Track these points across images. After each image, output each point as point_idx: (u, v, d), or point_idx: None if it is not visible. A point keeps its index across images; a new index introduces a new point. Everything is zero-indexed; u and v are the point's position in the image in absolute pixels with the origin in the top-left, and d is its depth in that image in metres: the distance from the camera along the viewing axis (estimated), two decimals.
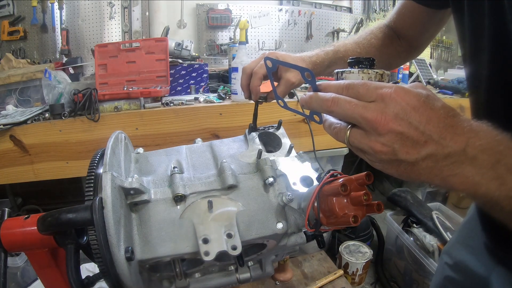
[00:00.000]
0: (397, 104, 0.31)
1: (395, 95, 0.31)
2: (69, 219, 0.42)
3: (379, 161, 0.34)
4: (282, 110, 0.57)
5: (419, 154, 0.31)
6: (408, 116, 0.31)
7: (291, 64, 0.47)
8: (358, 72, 0.40)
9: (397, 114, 0.31)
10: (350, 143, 0.35)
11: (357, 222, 0.37)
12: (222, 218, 0.47)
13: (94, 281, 0.48)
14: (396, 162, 0.33)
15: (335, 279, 1.35)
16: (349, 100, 0.34)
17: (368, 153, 0.34)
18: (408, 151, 0.31)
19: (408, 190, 1.72)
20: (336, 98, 0.35)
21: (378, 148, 0.32)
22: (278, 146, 0.62)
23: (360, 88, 0.34)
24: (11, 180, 1.19)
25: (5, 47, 1.75)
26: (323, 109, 0.36)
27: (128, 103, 1.24)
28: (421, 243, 1.43)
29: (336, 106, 0.34)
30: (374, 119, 0.31)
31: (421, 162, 0.32)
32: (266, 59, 0.51)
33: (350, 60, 0.42)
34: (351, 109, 0.33)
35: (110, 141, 0.50)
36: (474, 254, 0.59)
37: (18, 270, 1.23)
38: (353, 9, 2.40)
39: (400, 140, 0.31)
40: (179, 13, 1.95)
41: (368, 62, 0.41)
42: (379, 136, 0.32)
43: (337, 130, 0.36)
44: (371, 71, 0.40)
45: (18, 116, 1.15)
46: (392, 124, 0.31)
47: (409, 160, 0.32)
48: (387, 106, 0.31)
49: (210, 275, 0.58)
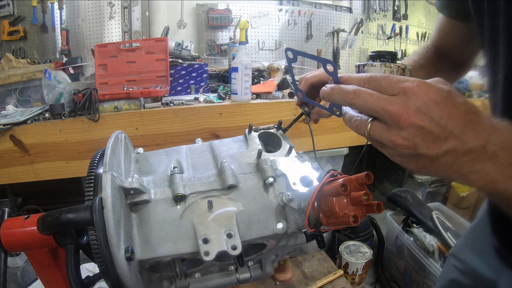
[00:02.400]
0: (419, 98, 0.31)
1: (417, 89, 0.31)
2: (69, 219, 0.42)
3: (399, 155, 0.34)
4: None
5: (440, 149, 0.31)
6: (430, 110, 0.31)
7: (312, 55, 0.47)
8: (380, 66, 0.40)
9: (419, 108, 0.31)
10: (371, 137, 0.35)
11: (357, 222, 0.37)
12: (222, 218, 0.47)
13: (94, 281, 0.48)
14: (416, 157, 0.32)
15: (335, 279, 1.35)
16: (371, 92, 0.34)
17: (389, 146, 0.34)
18: (429, 145, 0.31)
19: (408, 190, 1.72)
20: (358, 90, 0.34)
21: (399, 142, 0.32)
22: (278, 146, 0.62)
23: (382, 81, 0.33)
24: (11, 180, 1.18)
25: (5, 47, 1.75)
26: (344, 101, 0.36)
27: (128, 103, 1.24)
28: (421, 243, 1.43)
29: (358, 99, 0.34)
30: (396, 112, 0.31)
31: (442, 158, 0.31)
32: (287, 50, 0.49)
33: (371, 53, 0.42)
34: (373, 101, 0.33)
35: (110, 141, 0.50)
36: (483, 258, 0.58)
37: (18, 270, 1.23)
38: (353, 9, 2.40)
39: (422, 135, 0.31)
40: (179, 13, 1.95)
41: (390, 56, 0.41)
42: (401, 129, 0.32)
43: (357, 123, 0.36)
44: (393, 65, 0.40)
45: (18, 116, 1.15)
46: (414, 118, 0.31)
47: (430, 155, 0.31)
48: (409, 99, 0.31)
49: (210, 275, 0.58)
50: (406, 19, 2.57)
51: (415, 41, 2.68)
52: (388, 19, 2.53)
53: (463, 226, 1.53)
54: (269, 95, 1.41)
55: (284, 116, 1.32)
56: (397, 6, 2.51)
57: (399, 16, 2.54)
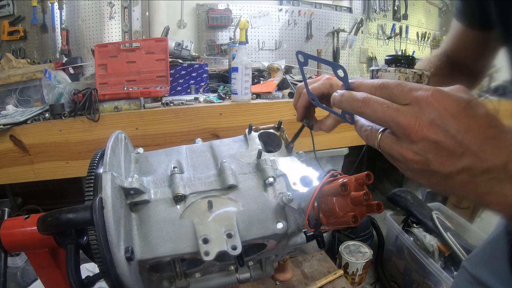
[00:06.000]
0: (433, 109, 0.28)
1: (432, 98, 0.28)
2: (69, 219, 0.42)
3: (411, 171, 0.32)
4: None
5: (455, 167, 0.28)
6: (445, 123, 0.28)
7: (323, 59, 0.44)
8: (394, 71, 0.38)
9: (433, 120, 0.28)
10: (381, 149, 0.33)
11: (357, 222, 0.37)
12: (222, 218, 0.47)
13: (94, 281, 0.48)
14: (428, 173, 0.30)
15: (335, 279, 1.35)
16: (382, 101, 0.31)
17: (400, 160, 0.31)
18: (443, 162, 0.28)
19: (408, 190, 1.72)
20: (368, 98, 0.32)
21: (410, 156, 0.30)
22: (278, 146, 0.62)
23: (395, 89, 0.31)
24: (11, 180, 1.18)
25: (5, 47, 1.75)
26: (353, 110, 0.34)
27: (128, 103, 1.24)
28: (421, 243, 1.43)
29: (366, 107, 0.32)
30: (407, 124, 0.29)
31: (456, 176, 0.29)
32: (297, 53, 0.47)
33: (387, 57, 0.39)
34: (382, 111, 0.31)
35: (110, 141, 0.50)
36: (497, 276, 0.55)
37: (18, 270, 1.23)
38: (353, 9, 2.40)
39: (435, 150, 0.28)
40: (179, 13, 1.95)
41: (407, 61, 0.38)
42: (412, 143, 0.29)
43: (367, 133, 0.34)
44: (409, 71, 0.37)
45: (18, 116, 1.15)
46: (426, 131, 0.28)
47: (443, 172, 0.29)
48: (423, 110, 0.29)
49: (210, 275, 0.58)
50: (406, 19, 2.58)
51: (415, 41, 2.69)
52: (388, 19, 2.53)
53: (463, 226, 1.53)
54: (269, 95, 1.41)
55: (284, 116, 1.32)
56: (397, 6, 2.51)
57: (399, 16, 2.55)
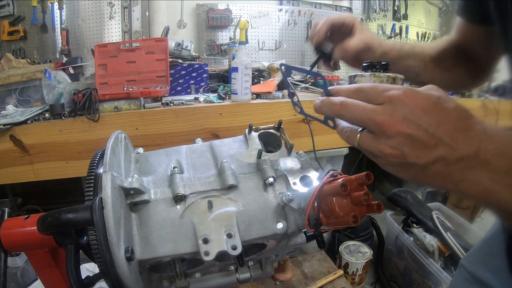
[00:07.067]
0: (405, 106, 0.30)
1: (404, 97, 0.31)
2: (69, 219, 0.42)
3: (390, 165, 0.34)
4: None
5: (429, 158, 0.30)
6: (417, 118, 0.30)
7: (304, 69, 0.47)
8: (369, 76, 0.40)
9: (405, 116, 0.30)
10: (361, 147, 0.35)
11: (357, 222, 0.37)
12: (222, 218, 0.47)
13: (94, 281, 0.48)
14: (406, 166, 0.32)
15: (335, 279, 1.35)
16: (357, 103, 0.33)
17: (379, 156, 0.33)
18: (418, 154, 0.30)
19: (408, 190, 1.72)
20: (345, 102, 0.34)
21: (387, 151, 0.31)
22: (278, 146, 0.62)
23: (369, 91, 0.33)
24: (11, 180, 1.18)
25: (5, 47, 1.75)
26: (333, 113, 0.36)
27: (128, 103, 1.24)
28: (421, 243, 1.43)
29: (344, 110, 0.34)
30: (382, 121, 0.31)
31: (432, 166, 0.31)
32: (281, 66, 0.50)
33: (364, 64, 0.42)
34: (359, 112, 0.33)
35: (110, 141, 0.50)
36: (495, 273, 0.56)
37: (18, 270, 1.23)
38: (353, 9, 2.40)
39: (410, 143, 0.30)
40: (179, 13, 1.95)
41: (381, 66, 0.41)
42: (388, 139, 0.31)
43: (348, 134, 0.36)
44: (383, 75, 0.40)
45: (18, 116, 1.15)
46: (400, 126, 0.30)
47: (420, 164, 0.31)
48: (396, 108, 0.31)
49: (210, 275, 0.58)
50: (406, 19, 2.57)
51: (415, 41, 2.68)
52: (388, 19, 2.53)
53: (463, 226, 1.53)
54: (269, 95, 1.41)
55: (284, 116, 1.32)
56: (397, 6, 2.51)
57: (399, 16, 2.54)
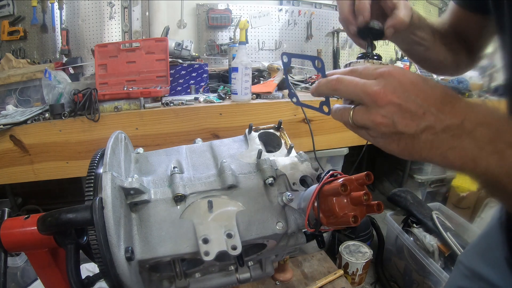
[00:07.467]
0: (395, 79, 0.33)
1: (394, 72, 0.34)
2: (69, 219, 0.42)
3: (381, 136, 0.35)
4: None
5: (418, 126, 0.32)
6: (407, 89, 0.33)
7: (302, 55, 0.49)
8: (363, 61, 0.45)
9: (395, 87, 0.33)
10: (354, 121, 0.37)
11: (357, 222, 0.37)
12: (222, 218, 0.47)
13: (94, 281, 0.48)
14: (396, 136, 0.34)
15: (335, 279, 1.35)
16: (352, 78, 0.36)
17: (370, 127, 0.35)
18: (407, 123, 0.32)
19: (408, 190, 1.71)
20: (341, 77, 0.37)
21: (379, 120, 0.33)
22: (278, 146, 0.62)
23: (362, 71, 0.36)
24: (11, 180, 1.18)
25: (5, 47, 1.75)
26: (329, 90, 0.38)
27: (128, 103, 1.24)
28: (421, 243, 1.43)
29: (340, 84, 0.37)
30: (374, 92, 0.33)
31: (421, 135, 0.33)
32: (282, 55, 0.51)
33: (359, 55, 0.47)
34: (353, 86, 0.35)
35: (110, 141, 0.50)
36: (494, 267, 0.57)
37: (18, 270, 1.23)
38: None
39: (399, 112, 0.32)
40: (179, 13, 1.95)
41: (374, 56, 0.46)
42: (379, 108, 0.33)
43: (341, 112, 0.38)
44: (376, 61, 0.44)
45: (18, 116, 1.15)
46: (390, 96, 0.33)
47: (409, 132, 0.33)
48: (387, 81, 0.33)
49: (210, 275, 0.58)
50: None
51: None
52: None
53: (463, 226, 1.53)
54: (269, 95, 1.41)
55: (284, 116, 1.32)
56: None
57: None
